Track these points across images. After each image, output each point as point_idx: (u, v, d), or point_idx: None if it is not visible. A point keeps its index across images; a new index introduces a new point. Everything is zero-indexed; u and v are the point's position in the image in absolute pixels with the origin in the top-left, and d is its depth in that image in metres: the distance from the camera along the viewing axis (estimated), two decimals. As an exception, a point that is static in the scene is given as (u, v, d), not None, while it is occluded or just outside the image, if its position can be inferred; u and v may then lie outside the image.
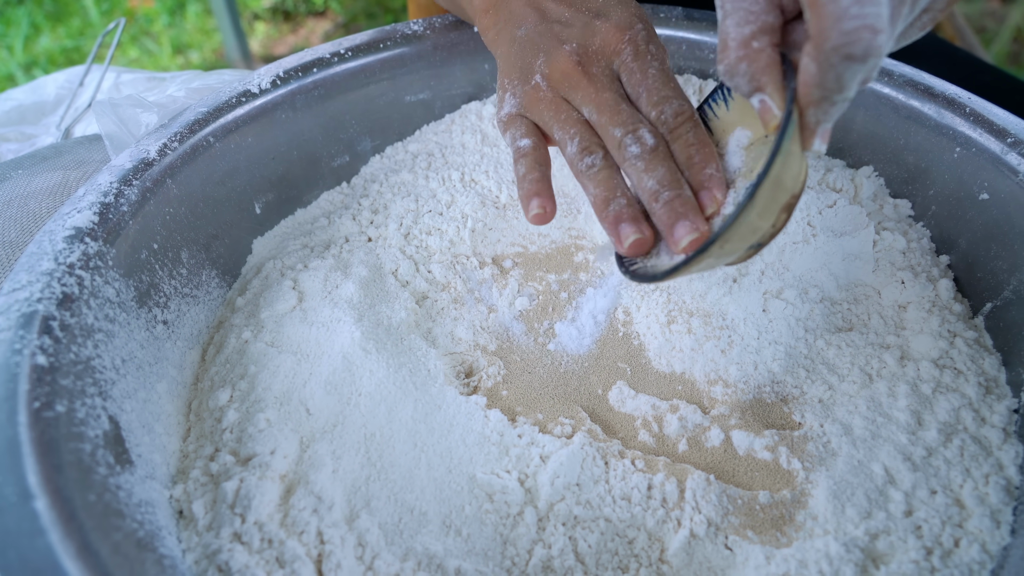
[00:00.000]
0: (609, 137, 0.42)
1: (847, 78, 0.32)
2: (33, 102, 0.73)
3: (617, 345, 0.51)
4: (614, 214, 0.40)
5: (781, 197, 0.36)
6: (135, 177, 0.47)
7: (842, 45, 0.30)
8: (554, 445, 0.44)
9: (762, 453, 0.44)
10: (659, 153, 0.40)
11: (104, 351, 0.41)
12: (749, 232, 0.37)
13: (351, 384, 0.45)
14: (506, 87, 0.46)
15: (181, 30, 2.03)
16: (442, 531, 0.40)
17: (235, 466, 0.41)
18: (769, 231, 0.38)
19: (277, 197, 0.58)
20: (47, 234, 0.42)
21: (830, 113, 0.34)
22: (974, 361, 0.47)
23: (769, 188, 0.34)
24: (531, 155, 0.44)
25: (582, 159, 0.42)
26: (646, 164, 0.40)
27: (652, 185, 0.40)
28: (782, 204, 0.36)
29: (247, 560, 0.37)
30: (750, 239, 0.37)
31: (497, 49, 0.49)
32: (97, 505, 0.33)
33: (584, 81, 0.43)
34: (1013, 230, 0.49)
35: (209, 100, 0.53)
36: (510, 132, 0.45)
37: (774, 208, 0.36)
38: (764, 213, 0.36)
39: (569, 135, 0.43)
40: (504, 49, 0.48)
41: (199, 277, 0.51)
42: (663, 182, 0.39)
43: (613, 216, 0.40)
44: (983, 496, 0.41)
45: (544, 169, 0.43)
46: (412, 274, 0.54)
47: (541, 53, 0.45)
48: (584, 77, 0.43)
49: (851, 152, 0.59)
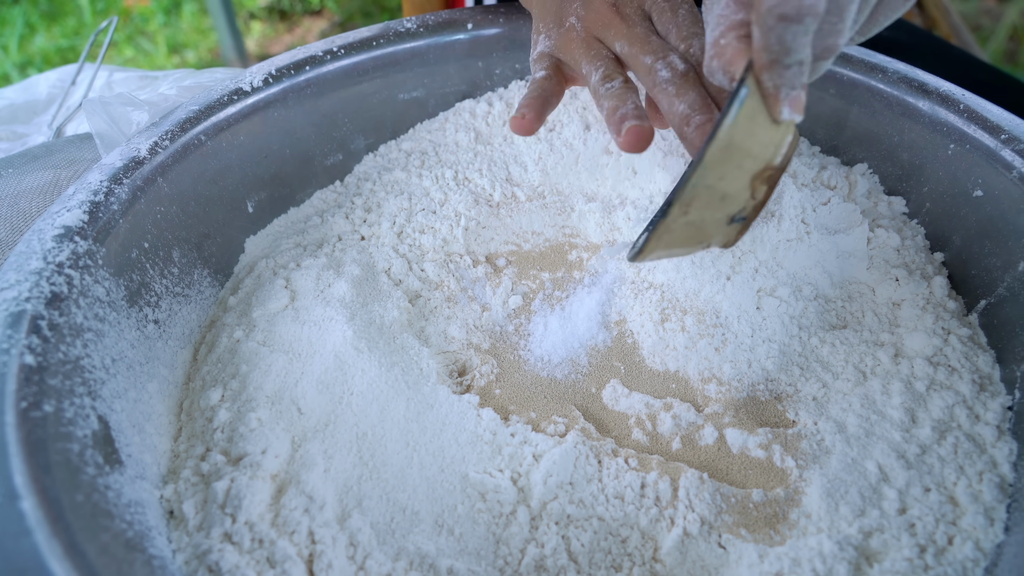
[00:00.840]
0: (640, 65, 0.43)
1: (788, 39, 0.32)
2: (25, 101, 0.73)
3: (610, 343, 0.51)
4: (620, 115, 0.41)
5: (748, 164, 0.36)
6: (125, 175, 0.46)
7: (775, 6, 0.31)
8: (547, 444, 0.43)
9: (756, 451, 0.44)
10: (690, 78, 0.41)
11: (94, 350, 0.40)
12: (716, 199, 0.36)
13: (343, 383, 0.45)
14: (540, 30, 0.49)
15: (177, 29, 2.03)
16: (434, 530, 0.40)
17: (226, 466, 0.41)
18: (749, 203, 0.38)
19: (270, 196, 0.58)
20: (36, 233, 0.42)
21: (786, 77, 0.33)
22: (968, 358, 0.47)
23: (721, 150, 0.34)
24: (539, 83, 0.47)
25: (603, 84, 0.44)
26: (677, 88, 0.40)
27: (683, 109, 0.40)
28: (753, 172, 0.36)
29: (237, 560, 0.37)
30: (722, 208, 0.37)
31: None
32: (85, 505, 0.33)
33: (617, 19, 0.45)
34: (1007, 227, 0.48)
35: (201, 98, 0.53)
36: (534, 68, 0.48)
37: (740, 175, 0.36)
38: (726, 177, 0.36)
39: (595, 67, 0.45)
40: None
41: (191, 276, 0.51)
42: (694, 106, 0.40)
43: (619, 116, 0.41)
44: (977, 494, 0.41)
45: (546, 95, 0.46)
46: (405, 273, 0.53)
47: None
48: (617, 16, 0.45)
49: (845, 149, 0.59)
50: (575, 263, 0.56)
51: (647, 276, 0.53)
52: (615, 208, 0.57)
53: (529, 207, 0.57)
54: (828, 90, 0.58)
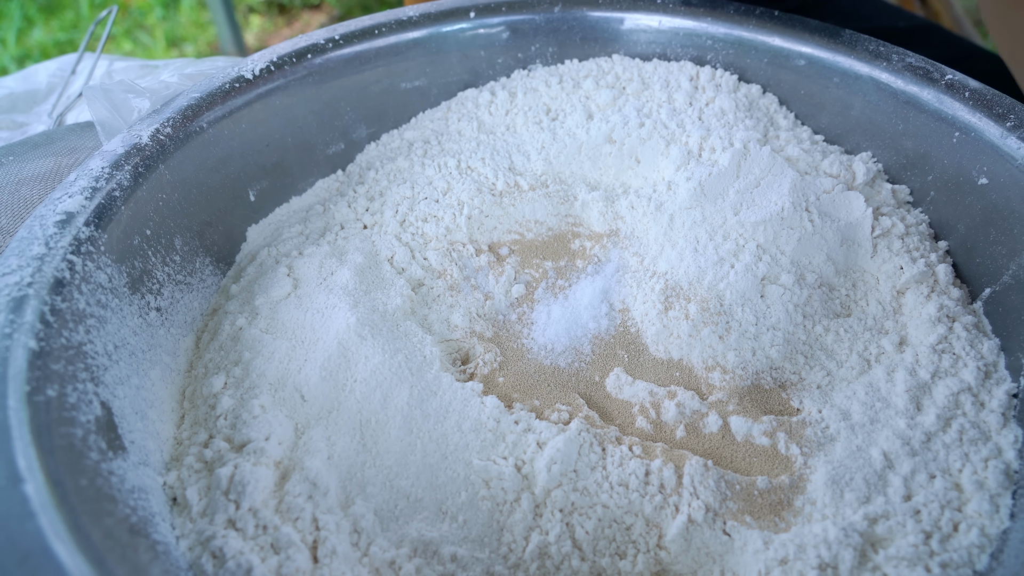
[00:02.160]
0: None
1: None
2: (25, 90, 0.73)
3: (614, 331, 0.51)
4: None
5: None
6: (127, 162, 0.46)
7: None
8: (551, 431, 0.43)
9: (760, 439, 0.44)
10: None
11: (96, 337, 0.40)
12: None
13: (346, 370, 0.45)
14: None
15: (175, 23, 2.02)
16: (437, 517, 0.40)
17: (229, 452, 0.41)
18: None
19: (272, 184, 0.57)
20: (38, 219, 0.41)
21: None
22: (973, 346, 0.47)
23: None
24: None
25: None
26: None
27: None
28: None
29: (241, 546, 0.37)
30: None
31: None
32: (88, 490, 0.33)
33: None
34: (1013, 215, 0.48)
35: (202, 86, 0.53)
36: None
37: None
38: None
39: None
40: None
41: (193, 264, 0.50)
42: None
43: None
44: (982, 480, 0.41)
45: None
46: (408, 261, 0.53)
47: None
48: None
49: (849, 137, 0.59)
50: (578, 252, 0.56)
51: (650, 264, 0.53)
52: (618, 197, 0.57)
53: (532, 196, 0.57)
54: (832, 78, 0.58)
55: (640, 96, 0.62)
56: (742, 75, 0.63)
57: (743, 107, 0.60)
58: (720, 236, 0.52)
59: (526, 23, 0.63)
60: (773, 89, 0.62)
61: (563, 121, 0.60)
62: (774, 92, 0.62)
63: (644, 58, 0.65)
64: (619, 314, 0.52)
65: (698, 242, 0.52)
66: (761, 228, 0.52)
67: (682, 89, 0.61)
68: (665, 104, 0.60)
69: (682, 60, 0.64)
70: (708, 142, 0.57)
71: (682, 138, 0.58)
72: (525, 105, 0.63)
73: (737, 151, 0.55)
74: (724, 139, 0.56)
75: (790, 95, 0.61)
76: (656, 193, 0.56)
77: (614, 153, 0.58)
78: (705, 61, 0.63)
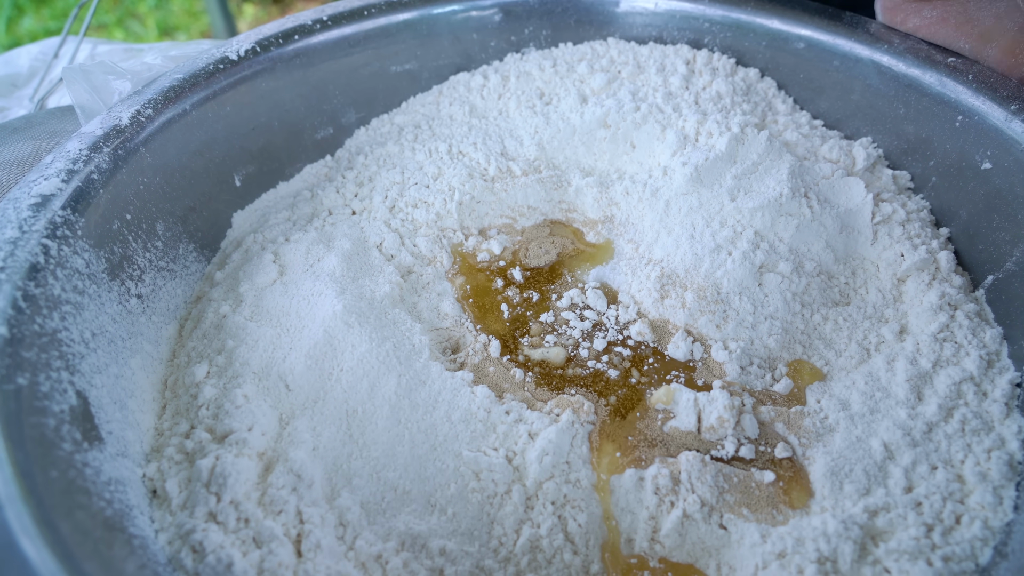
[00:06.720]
0: None
1: None
2: (5, 74, 0.71)
3: (610, 321, 0.49)
4: None
5: None
6: (106, 144, 0.45)
7: None
8: (542, 422, 0.42)
9: (758, 430, 0.43)
10: None
11: (72, 324, 0.39)
12: None
13: (332, 358, 0.44)
14: None
15: (168, 12, 2.00)
16: (426, 510, 0.39)
17: (211, 443, 0.40)
18: None
19: (258, 169, 0.56)
20: (11, 201, 0.40)
21: None
22: (975, 334, 0.46)
23: None
24: None
25: None
26: None
27: None
28: None
29: (222, 540, 0.35)
30: None
31: None
32: (59, 482, 0.32)
33: None
34: (1016, 200, 0.47)
35: (185, 67, 0.51)
36: None
37: None
38: None
39: None
40: None
41: (176, 250, 0.49)
42: None
43: None
44: (985, 472, 0.40)
45: None
46: (397, 247, 0.52)
47: None
48: None
49: (849, 122, 0.58)
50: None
51: (645, 251, 0.52)
52: (613, 183, 0.56)
53: (525, 181, 0.56)
54: (832, 62, 0.57)
55: (635, 80, 0.60)
56: (740, 58, 0.61)
57: (740, 91, 0.59)
58: (717, 223, 0.51)
59: (519, 5, 0.61)
60: (771, 73, 0.61)
61: (557, 105, 0.59)
62: (772, 76, 0.61)
63: (640, 41, 0.64)
64: (615, 303, 0.50)
65: (694, 229, 0.51)
66: (759, 215, 0.51)
67: (678, 73, 0.60)
68: (661, 88, 0.59)
69: (678, 43, 0.62)
70: (705, 127, 0.55)
71: (678, 123, 0.56)
72: (518, 89, 0.61)
73: (734, 136, 0.54)
74: (721, 124, 0.55)
75: (789, 79, 0.60)
76: (651, 179, 0.55)
77: (608, 138, 0.57)
78: (702, 44, 0.62)
